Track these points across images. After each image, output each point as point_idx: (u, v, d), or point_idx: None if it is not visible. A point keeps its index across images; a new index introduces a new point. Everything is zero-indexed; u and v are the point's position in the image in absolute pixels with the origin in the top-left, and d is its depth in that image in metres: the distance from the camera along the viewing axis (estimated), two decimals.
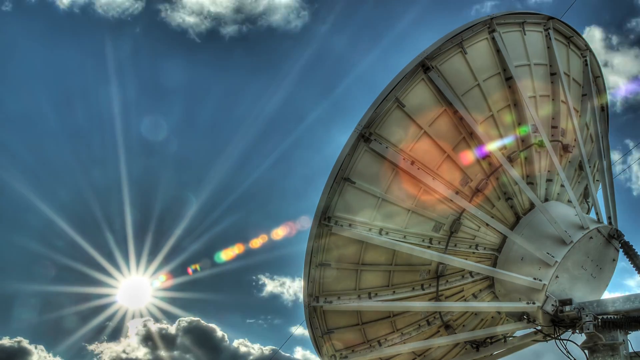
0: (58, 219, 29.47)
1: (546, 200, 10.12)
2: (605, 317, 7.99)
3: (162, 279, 28.48)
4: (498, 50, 9.24)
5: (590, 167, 10.95)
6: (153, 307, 31.68)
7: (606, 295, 9.37)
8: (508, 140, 9.64)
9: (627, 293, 8.73)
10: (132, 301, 31.90)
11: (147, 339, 33.37)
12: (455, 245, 9.64)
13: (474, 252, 9.77)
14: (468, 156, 9.25)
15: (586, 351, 8.24)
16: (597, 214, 9.98)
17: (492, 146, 9.10)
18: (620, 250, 9.46)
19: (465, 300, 10.28)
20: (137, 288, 29.61)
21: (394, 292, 9.72)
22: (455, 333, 10.37)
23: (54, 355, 33.91)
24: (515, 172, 9.24)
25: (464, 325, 10.66)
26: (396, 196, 9.01)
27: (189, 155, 36.86)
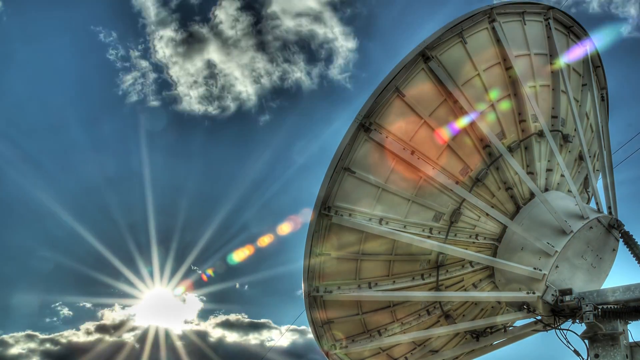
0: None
1: (546, 190, 10.13)
2: (605, 306, 7.96)
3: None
4: (498, 40, 9.22)
5: (590, 157, 10.95)
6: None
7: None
8: (508, 130, 9.63)
9: None
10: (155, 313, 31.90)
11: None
12: (456, 235, 9.65)
13: (474, 242, 9.77)
14: (468, 146, 9.25)
15: (586, 341, 8.23)
16: (597, 203, 9.98)
17: (492, 136, 9.10)
18: (620, 240, 9.48)
19: (465, 290, 10.30)
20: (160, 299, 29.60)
21: (394, 281, 9.74)
22: (455, 323, 10.40)
23: None
24: (515, 162, 9.24)
25: (464, 315, 10.69)
26: (396, 186, 9.00)
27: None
